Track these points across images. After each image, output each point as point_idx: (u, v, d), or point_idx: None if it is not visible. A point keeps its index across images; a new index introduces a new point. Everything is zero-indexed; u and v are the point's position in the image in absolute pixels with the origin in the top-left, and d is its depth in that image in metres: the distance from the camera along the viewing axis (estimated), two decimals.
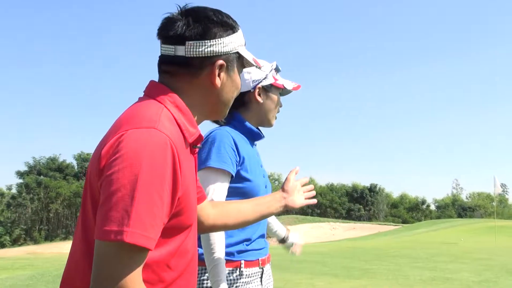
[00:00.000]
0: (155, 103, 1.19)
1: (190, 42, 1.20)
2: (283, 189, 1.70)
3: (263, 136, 2.11)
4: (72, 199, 59.07)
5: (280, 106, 2.13)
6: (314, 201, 1.75)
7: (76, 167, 65.73)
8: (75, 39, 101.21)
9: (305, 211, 73.24)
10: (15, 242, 54.17)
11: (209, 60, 1.22)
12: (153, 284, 1.12)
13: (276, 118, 2.12)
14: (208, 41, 1.21)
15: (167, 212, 1.08)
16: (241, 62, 1.33)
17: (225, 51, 1.24)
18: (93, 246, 1.04)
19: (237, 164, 1.90)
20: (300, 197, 1.71)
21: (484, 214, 70.27)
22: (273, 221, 2.31)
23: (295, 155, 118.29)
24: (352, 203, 79.42)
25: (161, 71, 1.26)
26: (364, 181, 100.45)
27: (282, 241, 2.33)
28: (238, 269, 1.90)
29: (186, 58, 1.21)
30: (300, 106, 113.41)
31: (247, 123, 2.04)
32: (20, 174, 62.25)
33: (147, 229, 1.01)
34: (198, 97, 1.25)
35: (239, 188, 1.91)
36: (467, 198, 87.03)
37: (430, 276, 8.85)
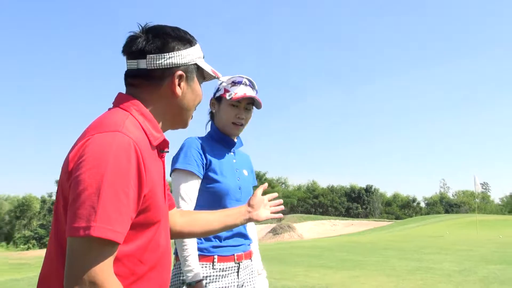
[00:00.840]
0: (121, 111, 1.17)
1: (151, 55, 1.19)
2: (248, 204, 1.66)
3: (235, 143, 2.04)
4: None
5: (238, 117, 1.97)
6: (280, 215, 1.72)
7: None
8: (109, 56, 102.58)
9: (309, 210, 73.07)
10: None
11: (169, 71, 1.20)
12: (125, 277, 1.08)
13: (237, 127, 1.98)
14: (167, 53, 1.19)
15: (133, 208, 1.04)
16: (201, 73, 1.30)
17: (183, 62, 1.22)
18: (66, 246, 1.00)
19: (204, 166, 1.89)
20: (265, 211, 1.67)
21: (469, 210, 69.42)
22: (256, 254, 2.15)
23: (300, 160, 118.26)
24: (350, 202, 79.17)
25: (127, 84, 1.24)
26: (360, 183, 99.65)
27: None
28: (212, 263, 1.86)
29: (148, 71, 1.19)
30: (302, 115, 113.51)
31: (220, 132, 2.01)
32: None
33: (114, 224, 0.98)
34: (161, 105, 1.22)
35: (209, 188, 1.90)
36: (453, 196, 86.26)
37: (416, 266, 8.69)
